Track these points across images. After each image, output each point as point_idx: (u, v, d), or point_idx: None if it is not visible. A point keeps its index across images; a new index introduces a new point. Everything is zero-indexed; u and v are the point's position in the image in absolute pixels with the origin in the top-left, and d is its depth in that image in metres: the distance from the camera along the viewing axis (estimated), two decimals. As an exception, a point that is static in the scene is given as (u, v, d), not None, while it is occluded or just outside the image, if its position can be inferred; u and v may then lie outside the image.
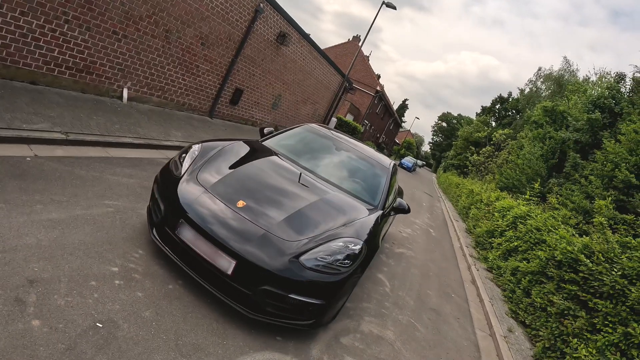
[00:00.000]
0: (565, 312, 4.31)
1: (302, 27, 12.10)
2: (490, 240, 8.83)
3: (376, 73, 40.43)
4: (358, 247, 3.03)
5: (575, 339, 3.81)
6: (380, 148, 41.12)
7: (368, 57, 40.24)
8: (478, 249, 9.44)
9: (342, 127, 27.13)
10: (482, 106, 37.69)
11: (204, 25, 7.98)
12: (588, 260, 4.43)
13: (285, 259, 2.70)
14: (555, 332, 4.28)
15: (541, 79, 28.13)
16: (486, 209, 11.11)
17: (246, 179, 3.33)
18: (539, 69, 30.05)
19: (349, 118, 33.44)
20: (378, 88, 37.83)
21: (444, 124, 71.46)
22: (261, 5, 9.32)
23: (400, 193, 6.37)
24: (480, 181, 18.08)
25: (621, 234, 5.17)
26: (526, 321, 5.18)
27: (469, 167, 24.68)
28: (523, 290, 5.71)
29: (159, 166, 5.26)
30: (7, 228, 2.63)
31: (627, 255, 4.15)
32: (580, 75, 26.44)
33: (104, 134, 5.27)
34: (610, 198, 6.47)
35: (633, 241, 4.39)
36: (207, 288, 2.76)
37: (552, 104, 13.95)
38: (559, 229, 5.92)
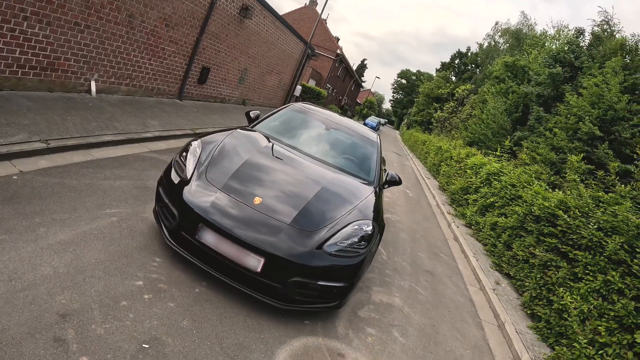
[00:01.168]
0: (548, 263, 4.67)
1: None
2: (465, 197, 9.23)
3: (334, 36, 39.48)
4: (370, 227, 3.15)
5: (561, 288, 4.15)
6: (343, 110, 40.90)
7: (325, 20, 39.08)
8: (454, 205, 9.86)
9: (306, 93, 26.65)
10: (441, 62, 37.94)
11: (166, 5, 7.44)
12: (566, 215, 4.76)
13: (311, 250, 2.78)
14: (540, 282, 4.65)
15: (499, 33, 28.53)
16: (457, 165, 11.50)
17: (254, 173, 3.29)
18: (496, 23, 30.49)
19: (312, 84, 32.85)
20: (338, 51, 37.09)
21: (404, 81, 71.74)
22: (222, -22, 8.76)
23: (383, 162, 6.51)
24: (447, 137, 18.58)
25: (592, 189, 5.54)
26: (510, 273, 5.57)
27: (434, 124, 25.19)
28: (504, 244, 6.10)
29: (146, 162, 5.08)
30: (19, 262, 2.44)
31: (601, 209, 4.49)
32: (538, 29, 26.99)
33: (83, 135, 4.96)
34: (582, 154, 6.86)
35: (605, 196, 4.74)
36: (234, 286, 2.78)
37: (512, 59, 14.27)
38: (534, 185, 6.26)
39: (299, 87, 20.24)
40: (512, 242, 5.87)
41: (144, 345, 2.17)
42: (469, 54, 35.00)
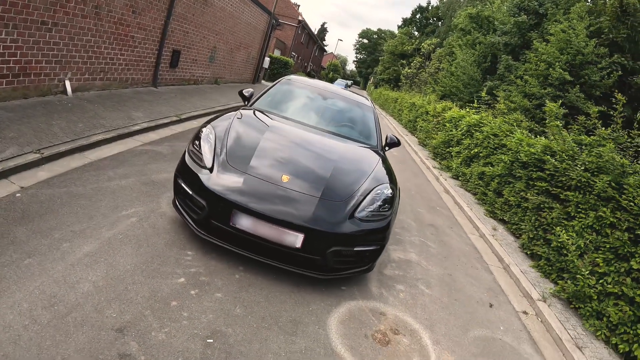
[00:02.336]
0: (541, 205, 4.91)
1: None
2: (448, 150, 9.42)
3: (294, 2, 37.98)
4: (389, 190, 3.24)
5: (558, 227, 4.40)
6: (310, 76, 40.19)
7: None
8: (438, 159, 10.06)
9: (274, 64, 25.88)
10: (402, 18, 37.32)
11: (130, -10, 6.91)
12: (553, 159, 4.96)
13: (344, 219, 2.85)
14: (536, 223, 4.90)
15: None
16: (435, 120, 11.63)
17: (272, 152, 3.26)
18: None
19: (277, 54, 31.84)
20: (300, 18, 35.81)
21: (365, 41, 70.42)
22: (182, -47, 8.15)
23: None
24: (419, 93, 18.62)
25: (574, 133, 5.75)
26: (505, 218, 5.84)
27: (402, 80, 25.09)
28: (494, 192, 6.33)
29: (144, 156, 4.90)
30: (54, 284, 2.30)
31: (585, 152, 4.70)
32: None
33: (74, 139, 4.69)
34: (560, 101, 7.05)
35: (588, 139, 4.95)
36: (273, 265, 2.82)
37: (476, 10, 14.17)
38: (516, 133, 6.44)
39: (267, 59, 19.64)
40: (501, 189, 6.10)
41: (208, 340, 2.19)
42: (430, 8, 34.48)
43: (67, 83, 6.21)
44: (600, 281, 3.64)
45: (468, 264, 4.50)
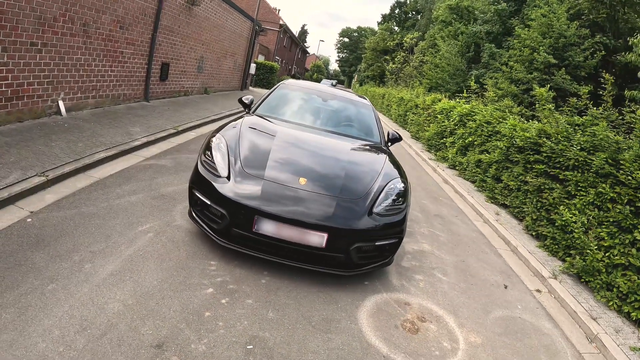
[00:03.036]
0: (541, 187, 5.01)
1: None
2: (442, 141, 9.52)
3: (274, 7, 37.94)
4: (401, 184, 3.32)
5: (561, 207, 4.50)
6: (295, 79, 40.14)
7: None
8: (432, 151, 10.16)
9: (260, 69, 25.80)
10: (381, 14, 37.55)
11: (117, 7, 6.83)
12: (549, 142, 5.06)
13: (364, 215, 2.91)
14: (538, 205, 5.01)
15: None
16: (425, 112, 11.73)
17: (285, 157, 3.30)
18: None
19: (261, 59, 31.77)
20: (281, 22, 35.77)
21: (346, 39, 70.62)
22: (164, -34, 8.11)
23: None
24: (406, 88, 18.76)
25: (567, 114, 5.87)
26: (506, 203, 5.94)
27: (387, 76, 25.23)
28: (493, 178, 6.44)
29: (148, 171, 4.87)
30: (82, 307, 2.26)
31: (579, 132, 4.82)
32: None
33: (76, 159, 4.63)
34: (548, 85, 7.18)
35: (579, 119, 5.07)
36: (297, 266, 2.87)
37: (455, 1, 14.34)
38: (508, 119, 6.55)
39: (253, 65, 19.59)
40: (500, 175, 6.21)
41: (248, 347, 2.20)
42: (409, 2, 34.71)
43: (61, 103, 6.14)
44: (607, 254, 3.75)
45: (478, 250, 4.60)
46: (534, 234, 5.04)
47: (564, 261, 4.32)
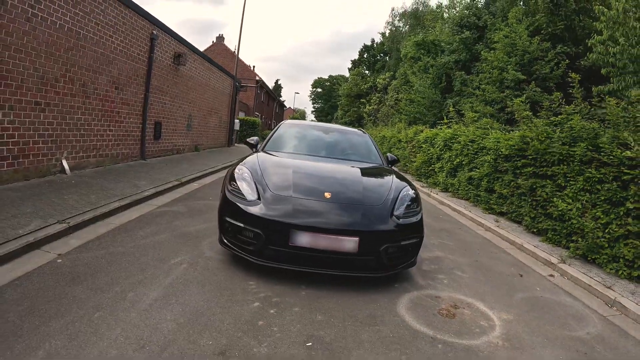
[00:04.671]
0: (533, 186, 5.42)
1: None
2: (430, 168, 10.01)
3: (249, 64, 39.90)
4: (412, 191, 3.68)
5: (554, 198, 4.89)
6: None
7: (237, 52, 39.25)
8: (423, 179, 10.60)
9: (243, 125, 26.47)
10: (351, 60, 39.95)
11: (112, 68, 7.33)
12: (534, 142, 5.55)
13: (388, 217, 3.23)
14: (533, 203, 5.39)
15: (397, 18, 30.50)
16: (409, 145, 12.35)
17: (307, 177, 3.64)
18: (393, 10, 32.49)
19: (242, 115, 32.80)
20: (257, 78, 37.47)
21: (319, 90, 73.85)
22: (154, 32, 8.79)
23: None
24: (386, 126, 19.70)
25: (543, 118, 6.44)
26: (503, 210, 6.30)
27: (365, 118, 26.42)
28: (486, 190, 6.84)
29: (165, 216, 5.05)
30: (135, 328, 2.31)
31: (558, 130, 5.34)
32: (432, 2, 29.30)
33: (92, 208, 4.78)
34: (525, 94, 7.83)
35: (555, 118, 5.63)
36: (333, 274, 3.08)
37: (421, 37, 15.61)
38: (491, 134, 7.11)
39: (237, 121, 20.26)
40: (492, 186, 6.62)
41: (307, 344, 2.36)
42: (375, 45, 37.15)
43: (64, 162, 6.35)
44: (606, 230, 4.09)
45: (487, 251, 4.92)
46: (535, 231, 5.37)
47: (568, 248, 4.64)
